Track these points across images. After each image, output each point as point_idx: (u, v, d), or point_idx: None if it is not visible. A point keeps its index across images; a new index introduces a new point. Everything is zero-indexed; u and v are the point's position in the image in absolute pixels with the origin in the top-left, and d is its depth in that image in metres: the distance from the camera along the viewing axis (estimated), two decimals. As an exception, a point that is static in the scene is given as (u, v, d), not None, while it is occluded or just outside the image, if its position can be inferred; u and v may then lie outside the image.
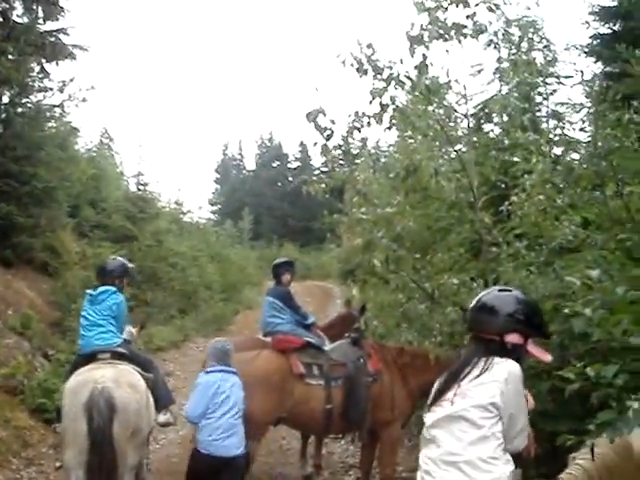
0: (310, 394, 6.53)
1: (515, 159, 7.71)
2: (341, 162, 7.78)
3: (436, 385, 3.27)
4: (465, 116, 7.50)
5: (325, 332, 8.19)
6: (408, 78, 6.65)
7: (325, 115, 6.63)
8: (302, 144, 66.73)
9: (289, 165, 67.78)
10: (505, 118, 9.02)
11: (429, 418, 3.09)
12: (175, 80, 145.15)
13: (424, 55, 6.57)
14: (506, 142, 9.28)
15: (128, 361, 6.44)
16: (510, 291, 3.42)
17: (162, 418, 6.78)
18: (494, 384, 2.97)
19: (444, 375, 3.25)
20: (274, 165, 67.37)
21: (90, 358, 6.35)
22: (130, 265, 7.37)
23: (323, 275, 37.63)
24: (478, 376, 3.04)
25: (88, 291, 6.90)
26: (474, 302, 3.39)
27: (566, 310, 4.56)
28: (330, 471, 8.61)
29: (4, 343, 11.90)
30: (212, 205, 63.24)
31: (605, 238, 5.75)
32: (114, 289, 6.74)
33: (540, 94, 11.50)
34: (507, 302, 3.28)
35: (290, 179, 65.06)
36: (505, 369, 3.03)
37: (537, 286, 5.34)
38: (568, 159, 7.77)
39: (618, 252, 5.29)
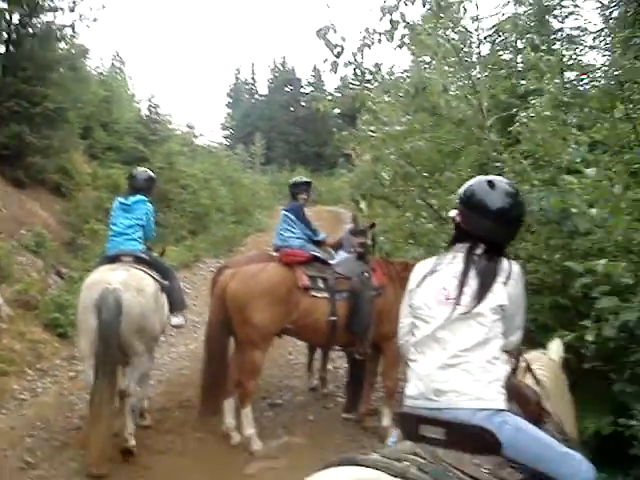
0: (315, 306, 6.66)
1: (526, 81, 7.65)
2: (354, 85, 7.77)
3: (419, 277, 3.17)
4: (479, 40, 7.43)
5: (336, 248, 8.28)
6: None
7: (335, 32, 6.60)
8: (315, 69, 66.02)
9: (302, 90, 67.05)
10: (517, 39, 8.94)
11: (436, 319, 2.95)
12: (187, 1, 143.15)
13: (436, -29, 6.49)
14: (519, 65, 9.22)
15: (148, 266, 6.87)
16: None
17: (175, 320, 7.30)
18: (502, 285, 2.93)
19: (433, 270, 3.11)
20: (287, 90, 66.70)
21: (114, 260, 6.79)
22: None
23: (334, 200, 37.49)
24: (486, 277, 2.96)
25: (119, 199, 7.20)
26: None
27: (574, 210, 4.66)
28: (335, 385, 8.84)
29: (18, 261, 12.09)
30: (224, 129, 63.01)
31: (612, 160, 5.75)
32: (146, 199, 7.12)
33: (555, 17, 11.29)
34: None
35: (303, 104, 64.47)
36: (510, 270, 2.99)
37: (540, 200, 5.35)
38: (581, 83, 7.76)
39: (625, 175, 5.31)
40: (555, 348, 4.11)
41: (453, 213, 3.19)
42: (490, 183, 3.11)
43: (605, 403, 4.80)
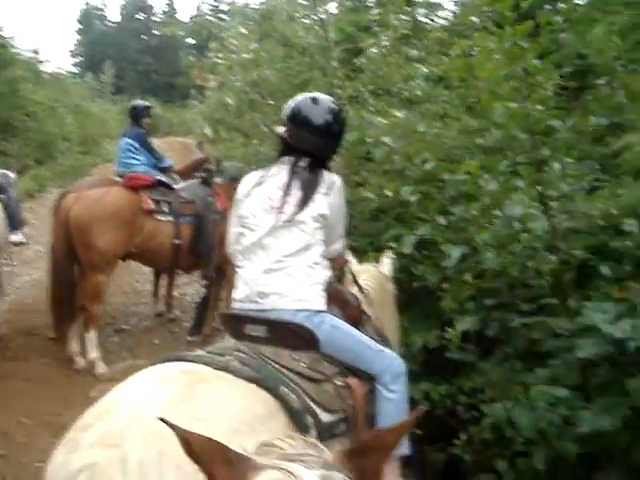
0: (159, 229, 6.72)
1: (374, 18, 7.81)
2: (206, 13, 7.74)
3: (247, 189, 3.24)
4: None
5: (182, 175, 8.24)
6: None
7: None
8: (169, -3, 64.40)
9: (154, 18, 65.23)
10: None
11: (262, 227, 3.07)
12: None
13: None
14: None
15: None
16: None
17: (15, 237, 7.25)
18: (323, 196, 3.08)
19: (259, 182, 3.21)
20: (139, 17, 64.71)
21: None
22: None
23: (186, 132, 36.91)
24: (308, 188, 3.09)
25: None
26: None
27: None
28: (181, 310, 8.97)
29: None
30: (73, 57, 60.67)
31: (450, 94, 6.01)
32: None
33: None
34: None
35: (155, 33, 62.77)
36: (332, 182, 3.15)
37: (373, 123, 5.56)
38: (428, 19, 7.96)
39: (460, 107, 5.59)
40: (386, 262, 4.40)
41: (280, 130, 3.32)
42: (314, 100, 3.27)
43: (433, 319, 5.10)
